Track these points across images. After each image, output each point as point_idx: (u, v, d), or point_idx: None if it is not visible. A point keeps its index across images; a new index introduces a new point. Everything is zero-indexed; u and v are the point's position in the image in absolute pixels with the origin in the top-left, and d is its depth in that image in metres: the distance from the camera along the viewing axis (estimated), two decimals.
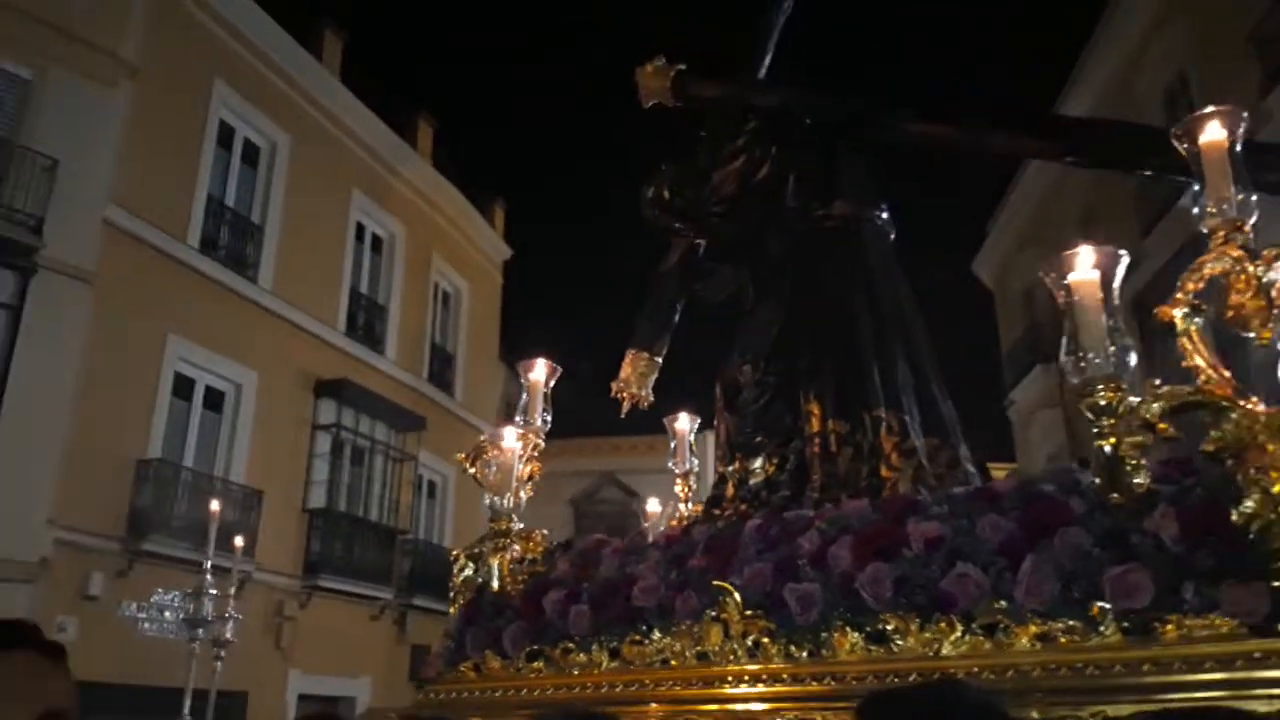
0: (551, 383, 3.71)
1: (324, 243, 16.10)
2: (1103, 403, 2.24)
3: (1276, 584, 1.98)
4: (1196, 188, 2.41)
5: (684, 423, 4.08)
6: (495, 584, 3.36)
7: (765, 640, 2.55)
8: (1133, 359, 2.30)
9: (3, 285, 10.89)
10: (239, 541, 7.03)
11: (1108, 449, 2.23)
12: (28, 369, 10.78)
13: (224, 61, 14.38)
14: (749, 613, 2.59)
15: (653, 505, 4.56)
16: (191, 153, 13.62)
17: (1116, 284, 2.38)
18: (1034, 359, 18.64)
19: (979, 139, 3.85)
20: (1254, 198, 2.36)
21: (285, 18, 15.32)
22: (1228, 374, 2.20)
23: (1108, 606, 2.13)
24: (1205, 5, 13.44)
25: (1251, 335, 2.21)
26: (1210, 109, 2.43)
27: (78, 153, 11.56)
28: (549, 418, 3.67)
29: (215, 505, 7.19)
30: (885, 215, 4.00)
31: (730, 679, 2.55)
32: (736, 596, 2.61)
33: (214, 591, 6.81)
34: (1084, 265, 2.34)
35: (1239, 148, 2.38)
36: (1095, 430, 2.26)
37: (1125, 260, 2.42)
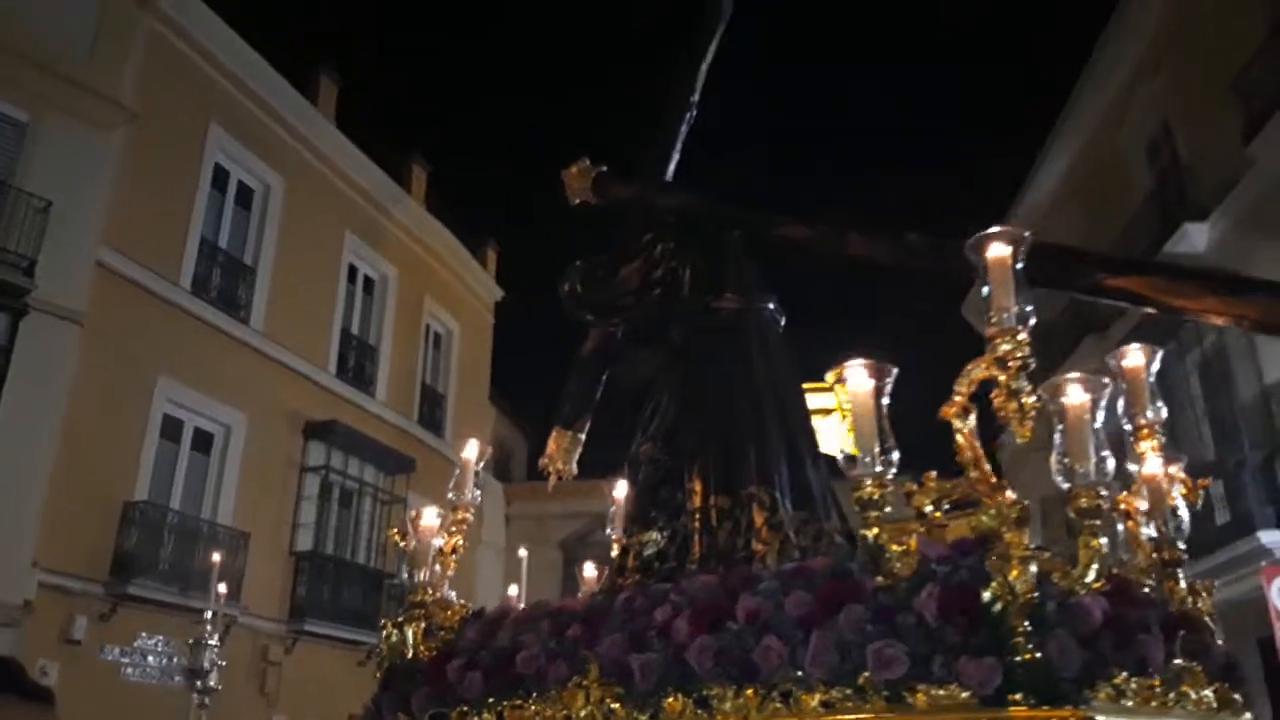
0: (481, 463, 4.03)
1: (316, 284, 16.14)
2: (869, 496, 2.58)
3: (1011, 659, 2.27)
4: (986, 290, 2.72)
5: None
6: (410, 651, 3.63)
7: (615, 705, 2.82)
8: (895, 459, 2.63)
9: None
10: (222, 589, 6.97)
11: (870, 536, 2.57)
12: (16, 409, 10.73)
13: (219, 105, 14.51)
14: (605, 680, 2.86)
15: (589, 570, 4.77)
16: (185, 195, 13.70)
17: (886, 393, 2.70)
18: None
19: (836, 243, 4.25)
20: (1030, 308, 2.66)
21: (281, 63, 15.51)
22: (988, 469, 2.54)
23: (874, 678, 2.42)
24: (1187, 56, 13.69)
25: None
26: (996, 229, 2.73)
27: (71, 195, 11.61)
28: (479, 494, 3.98)
29: (216, 557, 7.17)
30: (772, 306, 4.37)
31: None
32: (595, 665, 2.90)
33: (214, 642, 6.76)
34: (859, 378, 2.67)
35: (1020, 264, 2.71)
36: (862, 520, 2.61)
37: (895, 372, 2.72)
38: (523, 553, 5.89)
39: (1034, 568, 2.35)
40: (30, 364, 10.96)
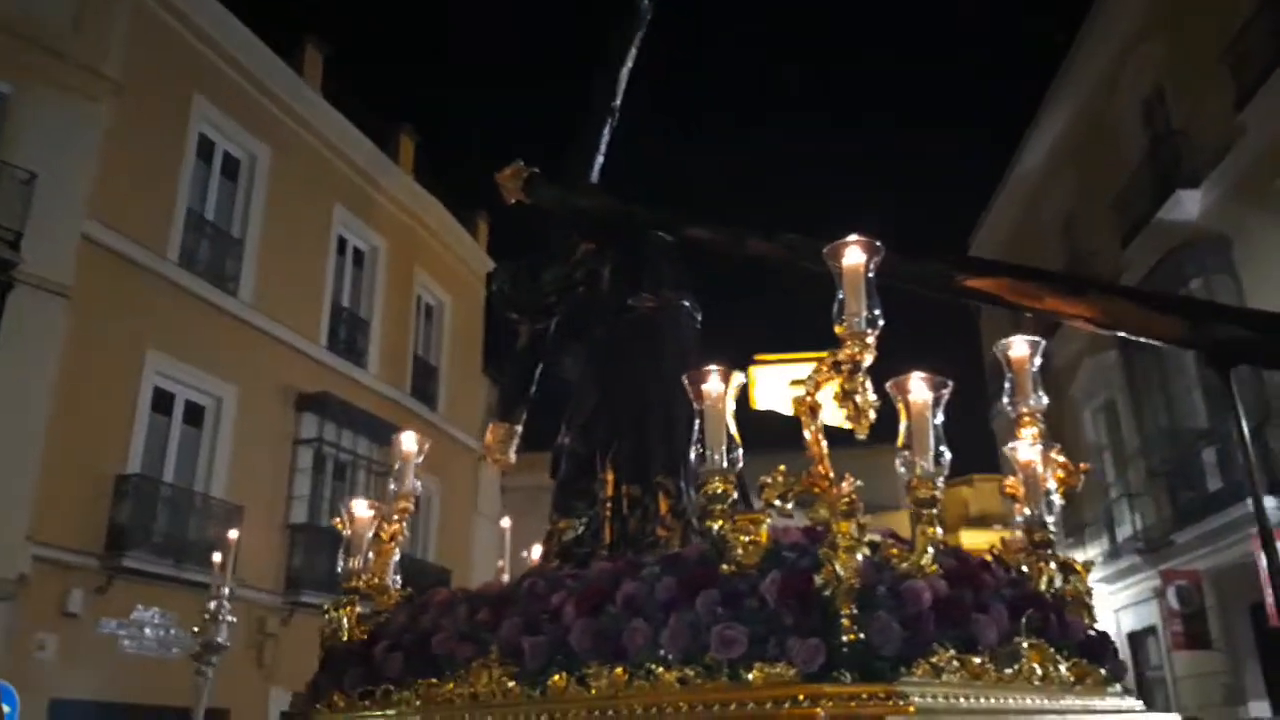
0: (421, 456, 4.19)
1: (305, 256, 16.04)
2: (715, 491, 2.80)
3: (837, 639, 2.48)
4: (841, 296, 2.87)
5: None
6: (345, 634, 3.85)
7: (511, 684, 3.02)
8: (740, 460, 2.86)
9: None
10: (217, 558, 6.95)
11: (716, 528, 2.80)
12: (5, 384, 10.67)
13: (204, 76, 14.33)
14: (504, 661, 3.08)
15: (535, 551, 4.88)
16: (171, 167, 13.56)
17: (731, 400, 2.91)
18: None
19: (739, 244, 4.44)
20: (878, 311, 2.84)
21: (266, 32, 15.31)
22: (827, 465, 2.73)
23: (717, 656, 2.62)
24: (1181, 23, 13.61)
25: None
26: (853, 238, 2.88)
27: (56, 167, 11.47)
28: (419, 484, 4.18)
29: (234, 534, 7.16)
30: (688, 304, 4.55)
31: (491, 718, 3.09)
32: (496, 647, 3.11)
33: (231, 618, 6.79)
34: (714, 383, 2.88)
35: (872, 274, 2.87)
36: (709, 512, 2.83)
37: (741, 378, 2.94)
38: (505, 523, 6.00)
39: (860, 556, 2.56)
40: (18, 338, 10.89)
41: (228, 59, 14.72)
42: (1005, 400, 3.48)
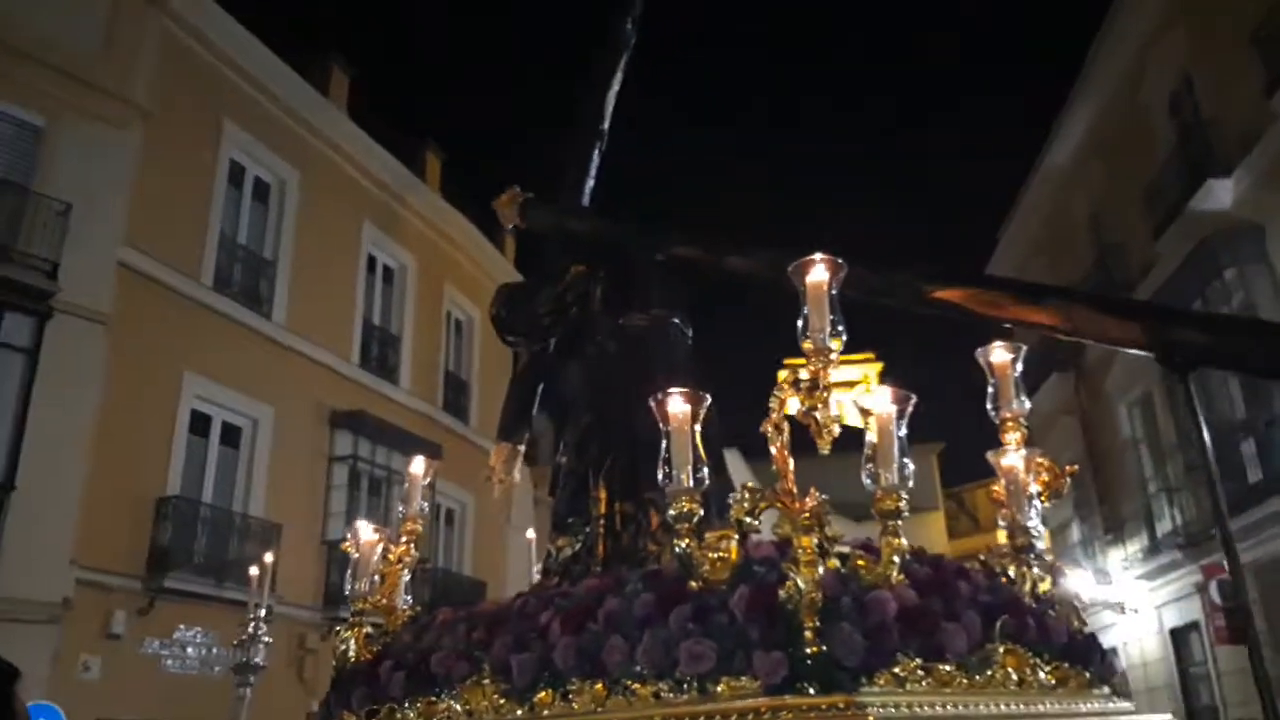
0: (429, 477, 4.23)
1: (336, 276, 16.23)
2: (682, 511, 2.82)
3: (800, 651, 2.52)
4: (806, 311, 2.95)
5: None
6: (353, 654, 3.92)
7: (502, 701, 3.10)
8: (706, 480, 2.90)
9: (19, 330, 11.01)
10: (254, 571, 7.02)
11: (681, 547, 2.83)
12: (46, 411, 10.88)
13: (232, 101, 14.57)
14: (495, 678, 3.15)
15: (535, 571, 4.95)
16: (203, 192, 13.78)
17: (699, 422, 2.96)
18: (1051, 366, 18.53)
19: (717, 263, 4.54)
20: (841, 327, 2.92)
21: (291, 55, 15.52)
22: (792, 481, 2.78)
23: (686, 671, 2.68)
24: (1206, 9, 13.43)
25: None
26: (818, 256, 2.95)
27: (90, 196, 11.70)
28: (425, 505, 4.23)
29: (269, 557, 7.21)
30: (678, 321, 4.63)
31: None
32: (489, 664, 3.19)
33: (266, 639, 6.85)
34: (677, 404, 2.92)
35: (835, 291, 2.95)
36: (676, 531, 2.85)
37: (709, 400, 2.99)
38: (531, 534, 6.03)
39: (824, 569, 2.62)
40: (58, 366, 11.10)
41: (254, 83, 14.95)
42: (989, 405, 3.50)
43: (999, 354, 3.47)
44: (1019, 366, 3.48)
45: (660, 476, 2.93)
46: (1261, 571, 12.12)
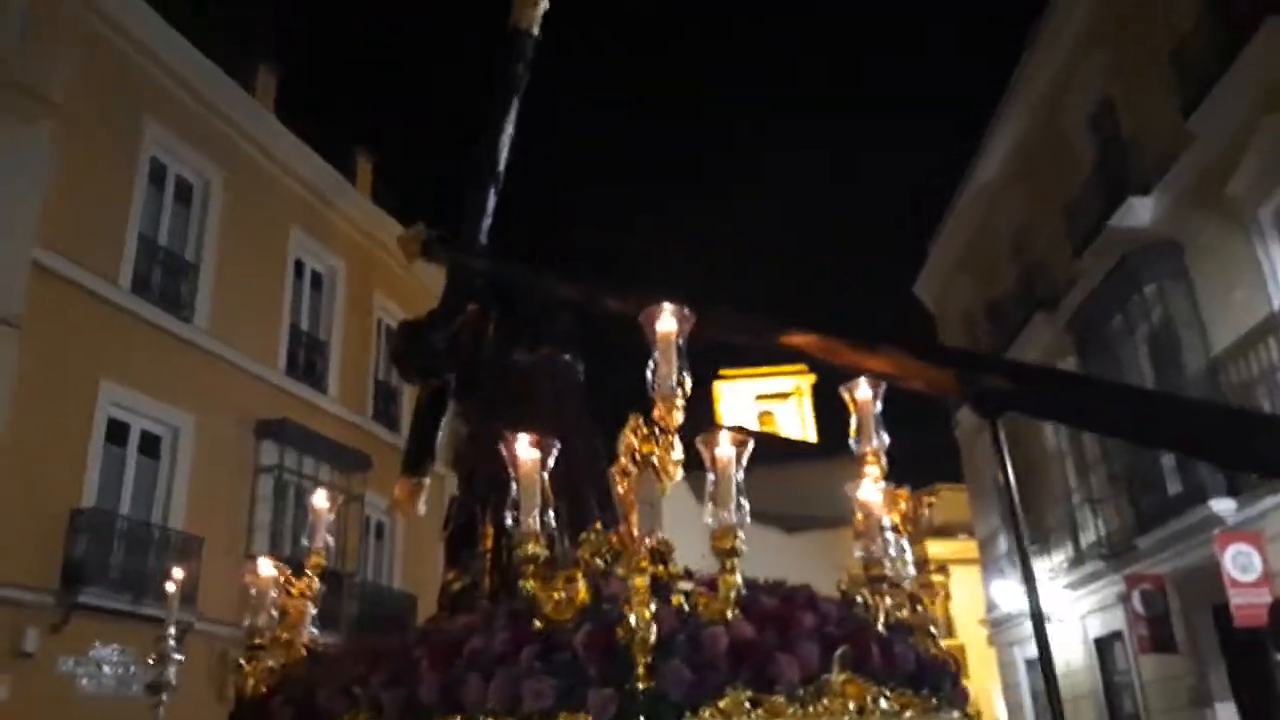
0: (333, 515, 4.28)
1: (262, 280, 15.81)
2: (529, 553, 2.96)
3: (632, 687, 2.64)
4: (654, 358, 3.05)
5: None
6: (249, 687, 3.99)
7: None
8: (553, 522, 3.03)
9: None
10: (170, 587, 6.75)
11: (528, 587, 2.96)
12: None
13: (155, 98, 14.11)
14: (369, 713, 3.23)
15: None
16: (122, 192, 13.31)
17: (549, 467, 3.06)
18: None
19: (598, 303, 4.57)
20: (686, 374, 3.03)
21: (219, 55, 15.11)
22: (634, 524, 2.90)
23: (529, 708, 2.79)
24: (1127, 31, 13.84)
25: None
26: (666, 304, 3.07)
27: (3, 195, 11.21)
28: (330, 539, 4.27)
29: (178, 572, 6.95)
30: (568, 357, 4.77)
31: None
32: (365, 700, 3.26)
33: (177, 656, 6.57)
34: (525, 448, 3.02)
35: (683, 340, 3.06)
36: (523, 573, 2.99)
37: (557, 446, 3.09)
38: None
39: (655, 607, 2.73)
40: None
41: (178, 80, 14.51)
42: (851, 440, 3.68)
43: (862, 390, 3.64)
44: (879, 404, 3.66)
45: (509, 520, 3.03)
46: (1181, 582, 12.49)
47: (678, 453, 2.97)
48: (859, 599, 3.37)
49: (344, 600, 15.37)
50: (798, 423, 43.55)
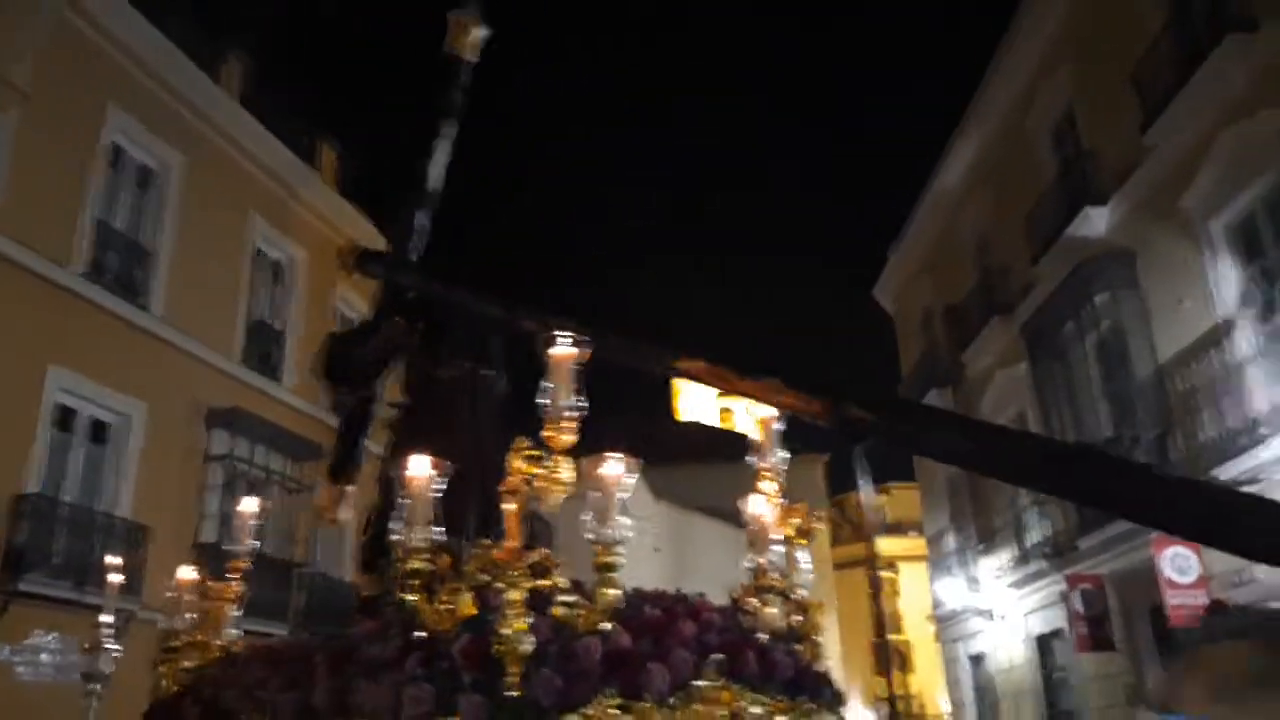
0: (261, 520, 4.45)
1: (220, 268, 15.63)
2: (415, 567, 3.06)
3: (504, 695, 2.78)
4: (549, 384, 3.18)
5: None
6: (165, 688, 4.13)
7: None
8: (436, 535, 3.12)
9: None
10: (113, 578, 6.63)
11: (411, 599, 3.05)
12: None
13: (118, 83, 13.90)
14: (270, 717, 3.30)
15: None
16: (75, 175, 13.09)
17: (436, 486, 3.15)
18: (930, 383, 19.10)
19: (514, 323, 4.57)
20: (581, 399, 3.17)
21: (185, 41, 14.92)
22: (517, 542, 3.10)
23: (408, 713, 2.89)
24: (1091, 47, 14.05)
25: None
26: (562, 334, 3.22)
27: None
28: (256, 543, 4.41)
29: (112, 559, 6.85)
30: (492, 373, 4.88)
31: None
32: (266, 702, 3.33)
33: (112, 645, 6.48)
34: (419, 467, 3.09)
35: (579, 366, 3.19)
36: (406, 585, 3.08)
37: (451, 466, 3.18)
38: None
39: (529, 621, 2.85)
40: None
41: (143, 66, 14.31)
42: (754, 458, 3.90)
43: (764, 411, 3.86)
44: (780, 424, 3.89)
45: (399, 530, 3.11)
46: (1120, 583, 12.70)
47: (567, 473, 3.10)
48: (747, 608, 3.48)
49: (293, 591, 15.23)
50: (746, 417, 43.71)
